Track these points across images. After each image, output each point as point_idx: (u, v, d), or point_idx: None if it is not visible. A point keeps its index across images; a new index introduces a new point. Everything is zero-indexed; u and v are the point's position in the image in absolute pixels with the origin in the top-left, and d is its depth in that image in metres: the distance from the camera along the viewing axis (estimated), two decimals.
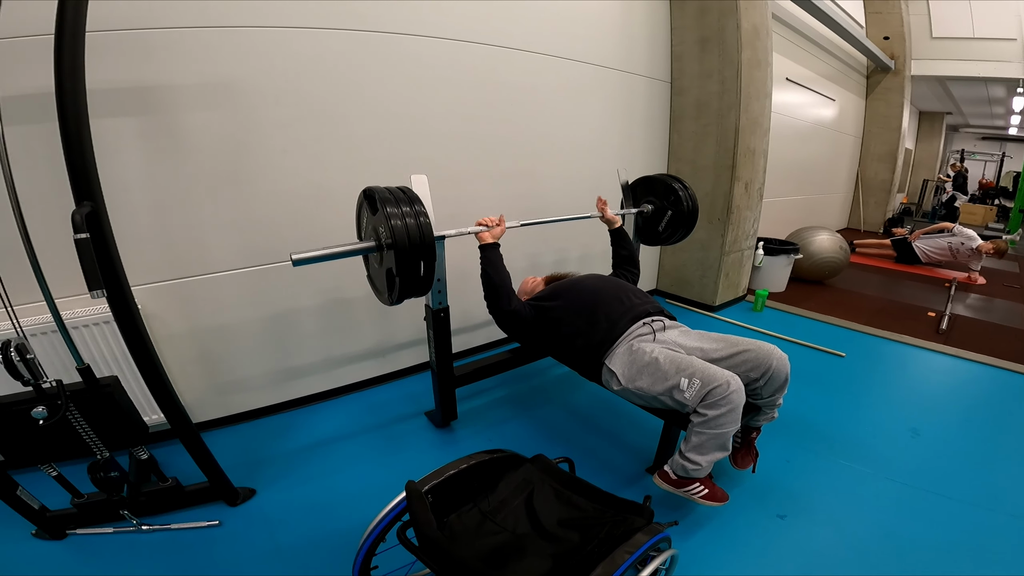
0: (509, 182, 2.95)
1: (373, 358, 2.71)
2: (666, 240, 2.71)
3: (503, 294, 1.96)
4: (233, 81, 1.99)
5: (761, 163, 3.79)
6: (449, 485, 1.22)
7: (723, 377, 1.54)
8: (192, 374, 2.20)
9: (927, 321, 3.99)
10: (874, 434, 2.36)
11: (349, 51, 2.23)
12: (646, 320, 1.92)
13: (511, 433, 2.34)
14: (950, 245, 5.73)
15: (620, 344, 1.85)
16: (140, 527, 1.69)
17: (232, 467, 1.89)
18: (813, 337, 3.44)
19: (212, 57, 1.93)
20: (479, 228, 2.00)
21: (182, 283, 2.09)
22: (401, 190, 1.59)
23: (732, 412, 1.53)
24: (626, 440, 2.28)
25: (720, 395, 1.52)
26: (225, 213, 2.10)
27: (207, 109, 1.97)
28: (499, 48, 2.71)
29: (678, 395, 1.60)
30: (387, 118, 2.40)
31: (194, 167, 2.00)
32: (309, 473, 2.04)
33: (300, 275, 2.27)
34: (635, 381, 1.74)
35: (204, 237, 2.09)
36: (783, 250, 4.34)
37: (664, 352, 1.73)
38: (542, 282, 2.41)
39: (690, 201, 2.53)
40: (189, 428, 1.69)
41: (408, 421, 2.42)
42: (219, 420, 2.34)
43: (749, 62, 3.43)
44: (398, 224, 1.45)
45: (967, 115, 12.72)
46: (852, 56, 6.95)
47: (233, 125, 2.03)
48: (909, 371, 3.17)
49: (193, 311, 2.14)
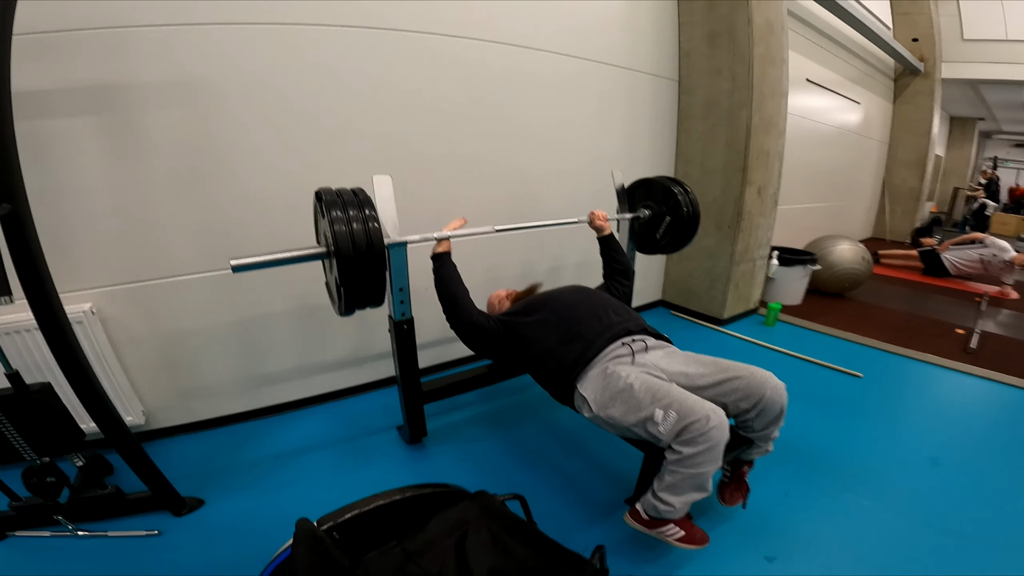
0: (500, 185, 2.80)
1: (349, 367, 2.58)
2: (664, 248, 2.51)
3: (460, 305, 1.82)
4: (196, 79, 1.90)
5: (776, 166, 3.56)
6: (372, 518, 1.08)
7: (702, 411, 1.35)
8: (155, 379, 2.13)
9: (955, 339, 3.70)
10: (888, 464, 2.14)
11: (325, 47, 2.12)
12: (625, 340, 1.73)
13: (484, 453, 2.18)
14: (981, 257, 5.39)
15: (594, 366, 1.67)
16: (76, 532, 1.67)
17: (187, 475, 1.89)
18: (828, 355, 3.19)
19: (173, 55, 1.85)
20: (446, 234, 1.85)
21: (143, 287, 2.01)
22: (354, 192, 1.46)
23: (711, 451, 1.34)
24: (609, 465, 2.10)
25: (698, 431, 1.33)
26: (188, 215, 2.01)
27: (168, 108, 1.89)
28: (491, 43, 2.56)
29: (652, 428, 1.42)
30: (366, 116, 2.28)
31: (155, 167, 1.92)
32: (265, 486, 1.95)
33: (270, 280, 2.16)
34: (607, 409, 1.56)
35: (166, 239, 2.00)
36: (799, 260, 4.09)
37: (641, 378, 1.54)
38: (506, 298, 2.23)
39: (690, 206, 2.33)
40: (125, 436, 1.61)
41: (378, 435, 2.29)
42: (183, 426, 2.26)
43: (762, 58, 3.23)
44: (341, 230, 1.34)
45: (1000, 121, 12.17)
46: (878, 58, 6.64)
47: (196, 124, 1.94)
48: (932, 394, 2.90)
49: (156, 315, 2.06)
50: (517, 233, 2.09)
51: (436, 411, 2.39)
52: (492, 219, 2.08)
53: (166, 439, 2.23)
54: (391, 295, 1.80)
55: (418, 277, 1.89)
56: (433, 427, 2.28)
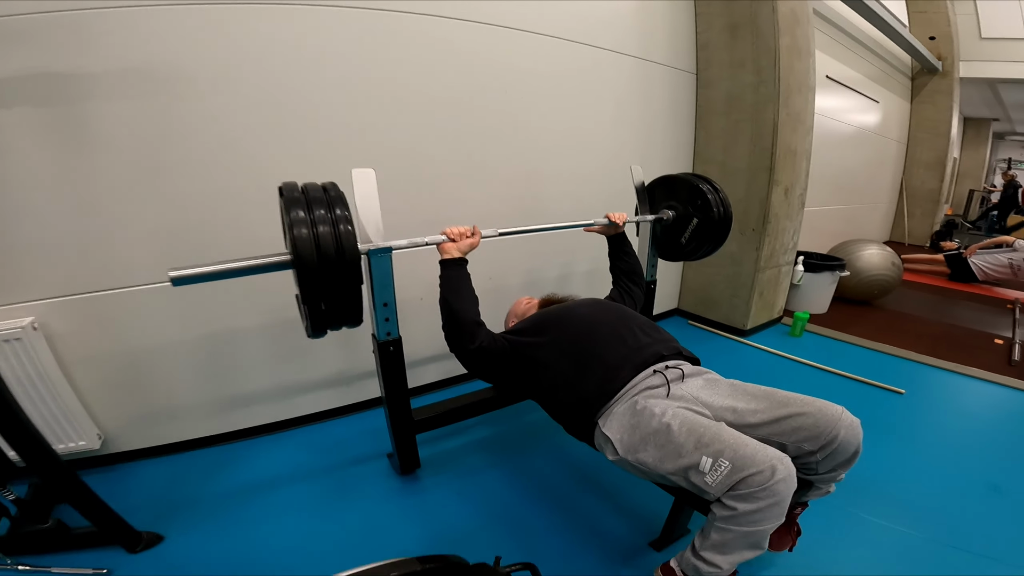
0: (503, 184, 2.54)
1: (334, 386, 2.31)
2: (690, 255, 2.24)
3: (466, 327, 1.53)
4: (157, 66, 1.66)
5: (803, 165, 3.29)
6: None
7: (765, 460, 1.08)
8: (112, 400, 1.90)
9: (995, 350, 3.42)
10: (943, 492, 1.90)
11: (309, 29, 1.88)
12: (657, 367, 1.46)
13: (486, 485, 1.92)
14: (1011, 262, 5.12)
15: (620, 401, 1.40)
16: (16, 567, 1.48)
17: (146, 505, 1.73)
18: (863, 369, 2.91)
19: (134, 40, 1.62)
20: (440, 238, 1.57)
21: (96, 298, 1.77)
22: (324, 188, 1.21)
23: (775, 507, 1.08)
24: (630, 501, 1.83)
25: (758, 485, 1.06)
26: (147, 217, 1.77)
27: (125, 98, 1.64)
28: (493, 27, 2.30)
29: (696, 478, 1.15)
30: (354, 107, 2.02)
31: (110, 164, 1.68)
32: (236, 519, 1.73)
33: (243, 290, 1.90)
34: (637, 453, 1.29)
35: (123, 245, 1.76)
36: (827, 266, 3.80)
37: (681, 415, 1.27)
38: (536, 305, 1.96)
39: (721, 206, 2.06)
40: (53, 466, 1.39)
41: (366, 463, 2.04)
42: (146, 450, 2.02)
43: (789, 50, 2.96)
44: (302, 234, 1.08)
45: (1015, 121, 11.93)
46: (895, 56, 6.39)
47: (157, 116, 1.70)
48: (982, 411, 2.62)
49: (111, 330, 1.83)
50: (522, 237, 1.82)
51: (432, 436, 2.13)
52: (495, 221, 1.81)
53: (125, 464, 2.00)
54: (373, 311, 1.54)
55: (409, 287, 1.63)
56: (428, 455, 2.03)
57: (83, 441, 1.84)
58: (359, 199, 1.38)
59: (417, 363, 2.49)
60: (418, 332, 2.16)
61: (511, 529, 1.69)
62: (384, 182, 1.50)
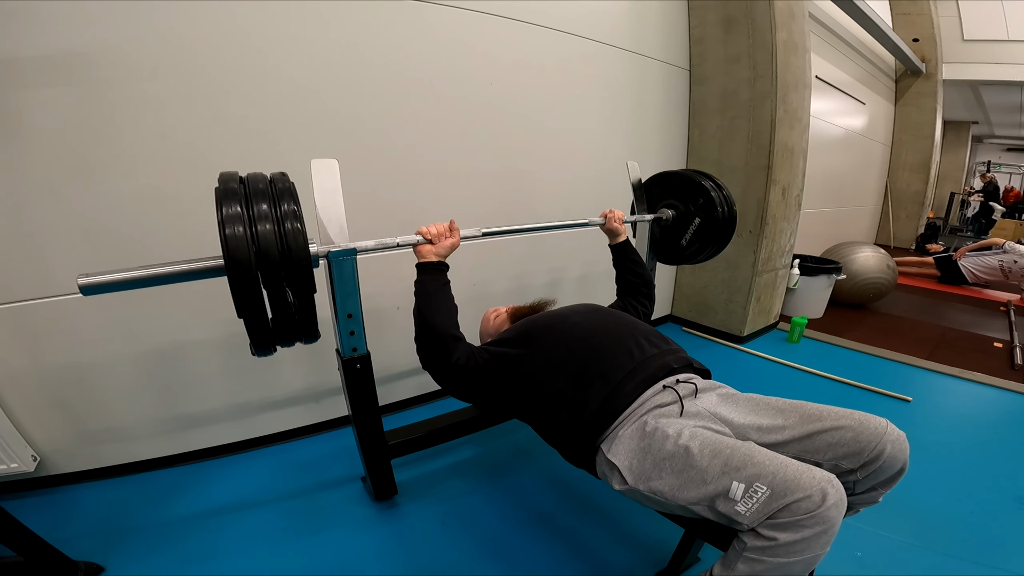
0: (488, 181, 2.35)
1: (302, 403, 2.10)
2: (691, 258, 2.07)
3: (441, 342, 1.34)
4: (91, 51, 1.47)
5: (800, 164, 3.16)
6: None
7: (811, 484, 0.90)
8: (48, 419, 1.71)
9: (995, 353, 3.34)
10: (966, 506, 1.78)
11: (266, 10, 1.67)
12: (667, 382, 1.27)
13: (471, 511, 1.73)
14: (1002, 264, 5.08)
15: (626, 421, 1.21)
16: None
17: (87, 532, 1.57)
18: (865, 375, 2.79)
19: (61, 23, 1.41)
20: (415, 239, 1.37)
21: (19, 308, 1.55)
22: (271, 180, 1.03)
23: (823, 535, 0.90)
24: (633, 527, 1.66)
25: (805, 512, 0.88)
26: (76, 217, 1.56)
27: (52, 85, 1.44)
28: (478, 13, 2.13)
29: (725, 506, 0.97)
30: (317, 94, 1.83)
31: (33, 159, 1.47)
32: (187, 550, 1.54)
33: (194, 298, 1.71)
34: (650, 481, 1.10)
35: (49, 249, 1.55)
36: (823, 269, 3.69)
37: (701, 435, 1.09)
38: (507, 318, 1.75)
39: (725, 205, 1.90)
40: None
41: (338, 488, 1.84)
42: (89, 472, 1.82)
43: (785, 45, 2.85)
44: (236, 233, 0.89)
45: (994, 124, 12.11)
46: (880, 57, 6.40)
47: (88, 104, 1.50)
48: (993, 418, 2.51)
49: (38, 343, 1.62)
50: (509, 239, 1.62)
51: (410, 458, 1.92)
52: (478, 222, 1.61)
53: (65, 487, 1.79)
54: (336, 324, 1.34)
55: (383, 295, 1.44)
56: (407, 478, 1.84)
57: (15, 463, 1.65)
58: (319, 194, 1.19)
59: (392, 378, 2.28)
60: (394, 344, 1.97)
61: (501, 561, 1.51)
62: (352, 179, 1.31)
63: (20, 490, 1.74)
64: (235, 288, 0.90)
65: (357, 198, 1.28)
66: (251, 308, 0.92)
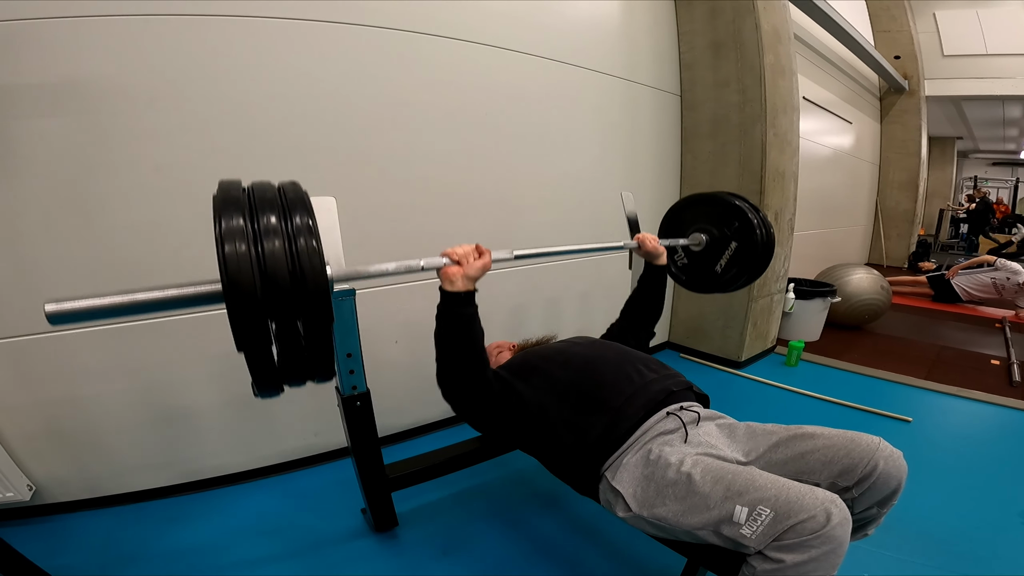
0: (482, 213, 2.35)
1: (301, 434, 2.08)
2: (727, 285, 1.94)
3: (482, 381, 1.27)
4: (87, 80, 1.48)
5: (792, 188, 3.19)
6: None
7: (815, 505, 0.92)
8: (45, 449, 1.72)
9: (993, 371, 3.34)
10: (973, 524, 1.78)
11: (262, 44, 1.71)
12: (671, 409, 1.27)
13: (474, 541, 1.71)
14: (994, 281, 5.12)
15: (631, 449, 1.22)
16: None
17: (82, 562, 1.57)
18: (864, 397, 2.78)
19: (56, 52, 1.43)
20: (441, 261, 1.25)
21: (15, 344, 1.55)
22: (281, 189, 0.90)
23: (831, 554, 0.91)
24: (636, 556, 1.64)
25: (811, 532, 0.90)
26: (72, 250, 1.56)
27: (47, 116, 1.45)
28: (471, 44, 2.15)
29: (730, 530, 0.98)
30: (313, 129, 1.84)
31: (28, 190, 1.47)
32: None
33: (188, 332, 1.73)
34: (654, 508, 1.11)
35: (47, 282, 1.55)
36: (818, 292, 3.69)
37: (703, 462, 1.11)
38: (509, 352, 1.74)
39: (763, 229, 1.78)
40: None
41: (339, 519, 1.81)
42: (85, 502, 1.80)
43: (773, 68, 2.89)
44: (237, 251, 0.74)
45: (978, 139, 12.33)
46: (864, 76, 6.53)
47: (84, 135, 1.50)
48: (994, 435, 2.52)
49: (35, 378, 1.63)
50: (503, 272, 1.62)
51: (411, 489, 1.87)
52: None
53: (61, 515, 1.78)
54: (335, 363, 1.31)
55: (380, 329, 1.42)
56: (408, 509, 1.80)
57: (10, 492, 1.65)
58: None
59: (391, 410, 2.24)
60: (394, 380, 1.97)
61: None
62: (346, 213, 1.30)
63: (16, 518, 1.73)
64: (235, 318, 0.76)
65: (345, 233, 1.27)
66: (254, 341, 0.78)
